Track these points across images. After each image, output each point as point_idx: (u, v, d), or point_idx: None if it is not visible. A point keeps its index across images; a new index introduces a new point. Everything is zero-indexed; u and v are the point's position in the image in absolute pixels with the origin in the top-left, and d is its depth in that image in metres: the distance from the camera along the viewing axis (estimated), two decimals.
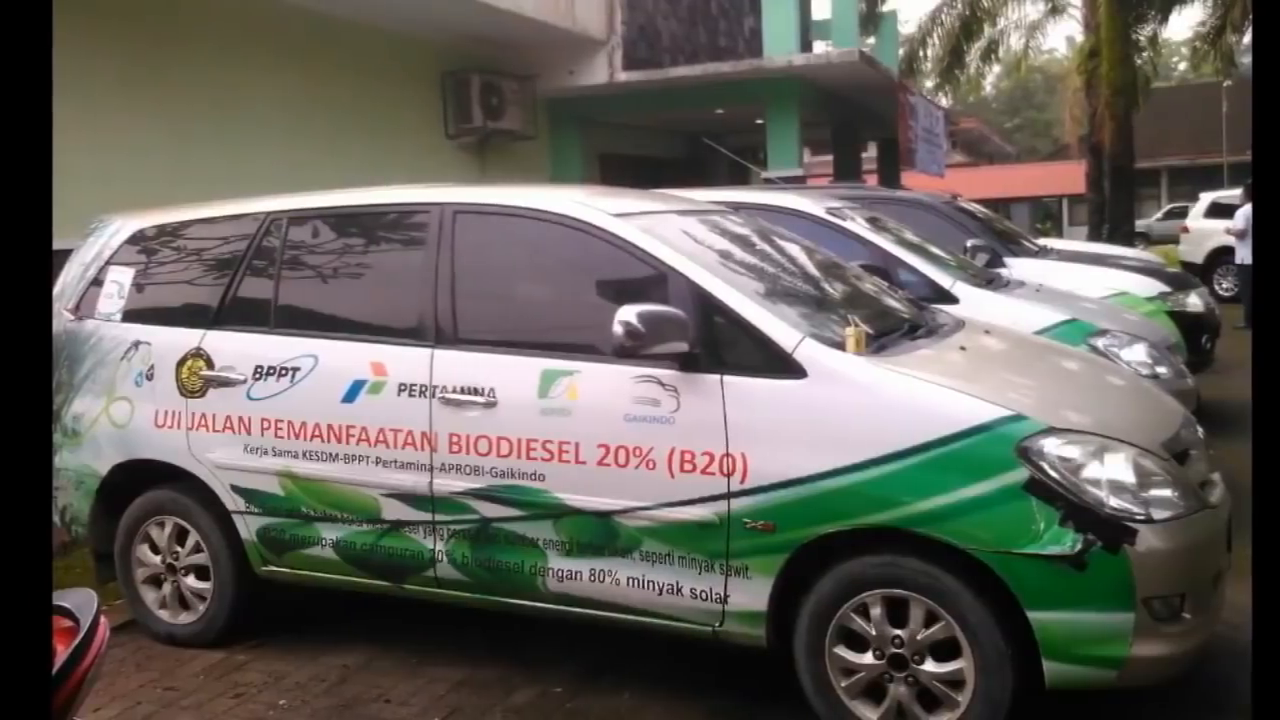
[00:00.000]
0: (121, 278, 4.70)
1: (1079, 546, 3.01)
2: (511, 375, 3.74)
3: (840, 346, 3.43)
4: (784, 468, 3.30)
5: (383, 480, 3.94)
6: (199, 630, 4.47)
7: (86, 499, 4.61)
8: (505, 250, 4.07)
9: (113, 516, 4.59)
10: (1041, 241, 10.83)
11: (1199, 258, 16.95)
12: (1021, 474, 3.08)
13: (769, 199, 6.81)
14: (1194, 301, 8.22)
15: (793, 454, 3.30)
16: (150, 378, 4.45)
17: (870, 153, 20.69)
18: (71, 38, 6.36)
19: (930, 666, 3.20)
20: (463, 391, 3.80)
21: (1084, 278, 7.59)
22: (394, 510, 3.95)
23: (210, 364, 4.33)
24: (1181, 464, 3.34)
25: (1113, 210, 19.86)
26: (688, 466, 3.42)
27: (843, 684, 3.33)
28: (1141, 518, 3.05)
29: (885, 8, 22.47)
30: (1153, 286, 7.94)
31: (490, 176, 11.58)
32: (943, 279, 6.15)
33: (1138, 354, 5.77)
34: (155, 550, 4.53)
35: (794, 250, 4.44)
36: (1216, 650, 3.48)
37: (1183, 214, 22.22)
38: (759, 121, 13.17)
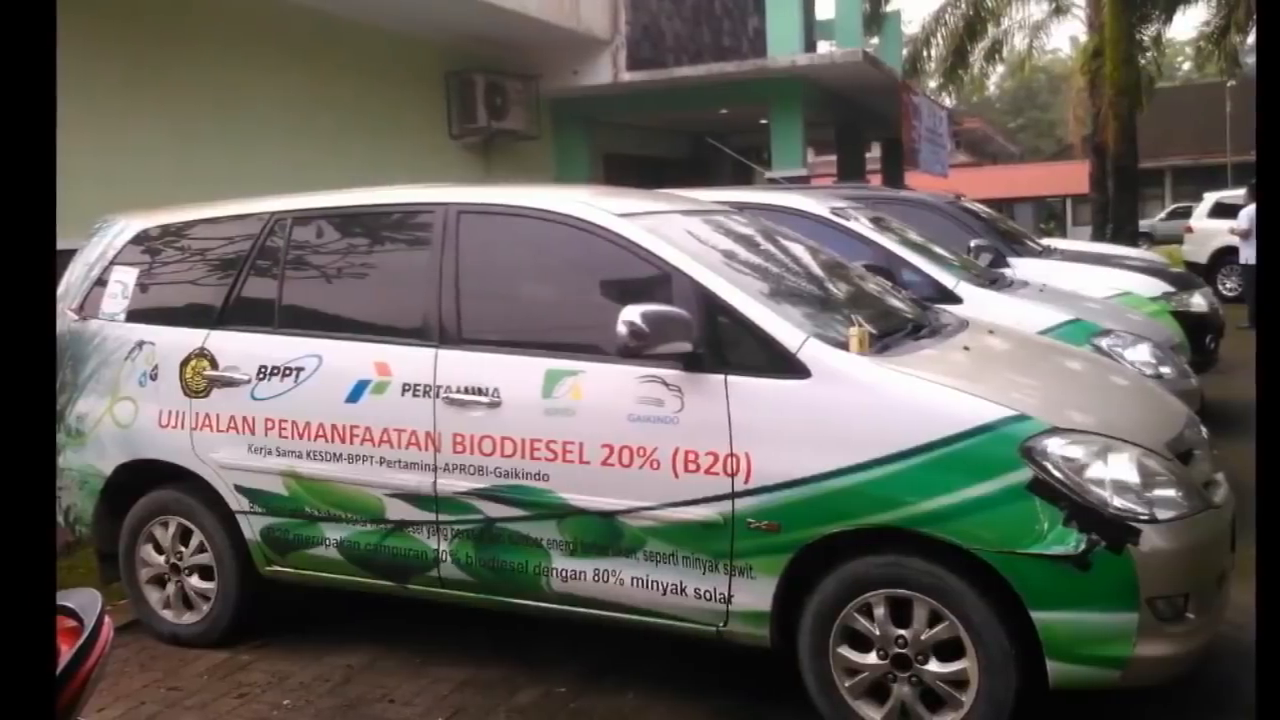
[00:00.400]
0: (125, 278, 4.70)
1: (1083, 546, 3.01)
2: (515, 375, 3.74)
3: (844, 346, 3.42)
4: (788, 468, 3.30)
5: (387, 480, 3.94)
6: (203, 630, 4.47)
7: (90, 499, 4.62)
8: (509, 250, 4.06)
9: (117, 516, 4.60)
10: (1045, 241, 10.82)
11: (1203, 258, 16.94)
12: (1025, 474, 3.07)
13: (773, 199, 6.80)
14: (1198, 301, 8.21)
15: (797, 454, 3.30)
16: (154, 378, 4.45)
17: (874, 153, 20.68)
18: (75, 38, 6.37)
19: (934, 666, 3.20)
20: (467, 391, 3.80)
21: (1088, 278, 7.57)
22: (398, 510, 3.95)
23: (214, 364, 4.34)
24: (1185, 464, 3.33)
25: (1116, 210, 19.81)
26: (692, 466, 3.42)
27: (846, 684, 3.33)
28: (1145, 518, 3.05)
29: (889, 8, 22.49)
30: (1156, 286, 7.93)
31: (494, 176, 11.58)
32: (946, 279, 6.14)
33: (1142, 354, 5.77)
34: (159, 550, 4.53)
35: (798, 250, 4.44)
36: (1220, 650, 3.47)
37: (1186, 214, 22.18)
38: (763, 121, 13.17)
